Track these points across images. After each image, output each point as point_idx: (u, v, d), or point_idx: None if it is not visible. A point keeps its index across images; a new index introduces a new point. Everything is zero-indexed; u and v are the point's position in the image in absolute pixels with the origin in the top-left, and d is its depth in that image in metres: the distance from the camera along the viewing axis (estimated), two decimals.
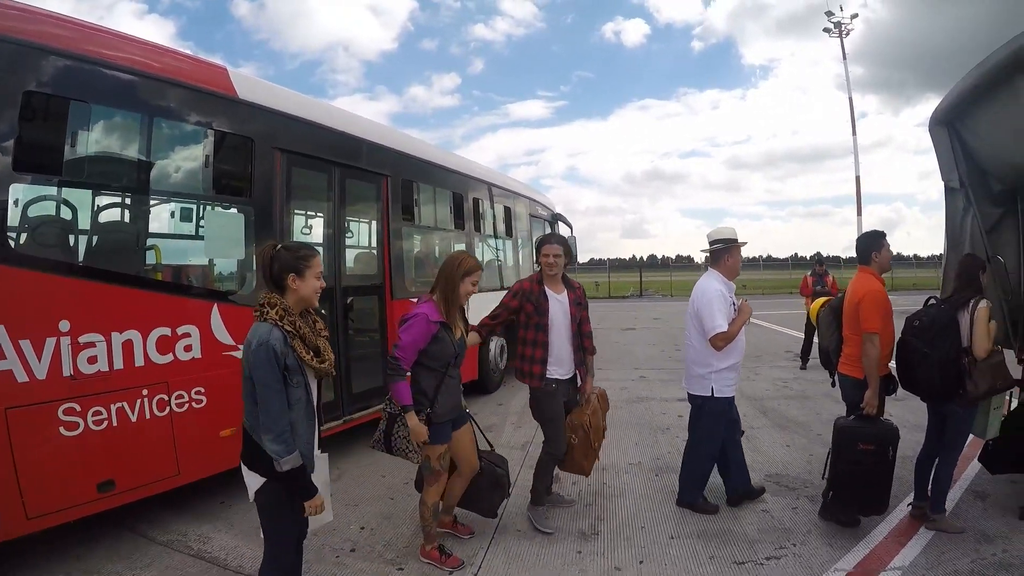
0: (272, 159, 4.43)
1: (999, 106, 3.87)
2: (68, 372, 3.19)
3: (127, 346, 3.45)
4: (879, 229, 3.99)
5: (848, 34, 27.37)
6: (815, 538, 3.79)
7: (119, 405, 3.38)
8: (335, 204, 5.20)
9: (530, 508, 4.05)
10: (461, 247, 7.61)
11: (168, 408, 3.64)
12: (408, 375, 3.23)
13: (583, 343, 3.95)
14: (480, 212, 7.92)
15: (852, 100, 27.02)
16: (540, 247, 3.91)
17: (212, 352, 3.93)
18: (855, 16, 27.58)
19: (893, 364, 3.82)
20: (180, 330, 3.75)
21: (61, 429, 3.17)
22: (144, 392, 3.52)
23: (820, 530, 3.89)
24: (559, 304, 3.84)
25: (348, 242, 5.60)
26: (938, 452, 3.85)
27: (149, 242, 3.85)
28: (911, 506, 3.98)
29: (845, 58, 27.30)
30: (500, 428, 6.35)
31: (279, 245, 2.53)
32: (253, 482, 2.48)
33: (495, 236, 8.49)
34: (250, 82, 4.36)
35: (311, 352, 2.50)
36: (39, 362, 3.10)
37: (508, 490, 3.89)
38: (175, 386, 3.69)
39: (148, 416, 3.53)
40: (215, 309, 3.98)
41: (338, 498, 4.38)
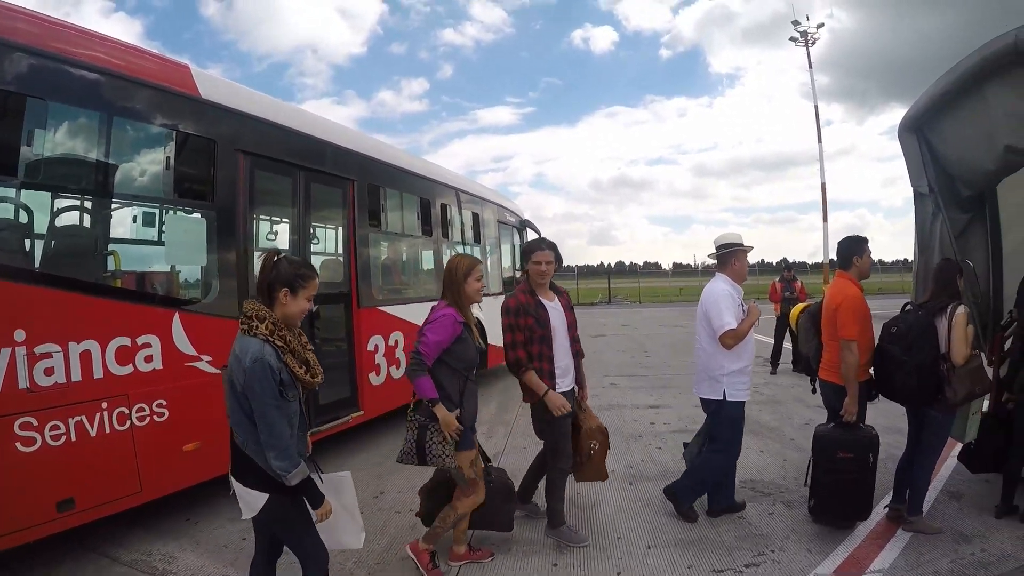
0: (235, 162, 4.34)
1: (967, 112, 4.01)
2: (24, 385, 3.06)
3: (85, 357, 3.33)
4: (862, 235, 4.07)
5: (814, 43, 28.21)
6: (793, 543, 3.83)
7: (78, 419, 3.26)
8: (300, 209, 5.11)
9: (551, 532, 3.92)
10: (428, 254, 7.57)
11: (129, 422, 3.52)
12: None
13: (575, 348, 3.92)
14: (448, 218, 7.89)
15: (818, 108, 27.78)
16: (530, 253, 3.81)
17: (174, 363, 3.82)
18: (821, 26, 28.53)
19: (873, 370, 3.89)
20: (140, 340, 3.64)
21: (18, 445, 3.05)
22: (104, 405, 3.40)
23: (798, 535, 3.93)
24: (556, 312, 3.80)
25: (313, 248, 5.52)
26: (914, 457, 3.93)
27: (108, 247, 3.72)
28: (888, 508, 4.06)
29: (811, 67, 27.97)
30: None
31: (282, 255, 2.50)
32: (253, 500, 2.40)
33: (463, 242, 8.46)
34: (213, 81, 4.28)
35: (303, 366, 2.46)
36: None
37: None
38: (136, 399, 3.57)
39: (108, 430, 3.41)
40: (176, 318, 3.88)
41: None
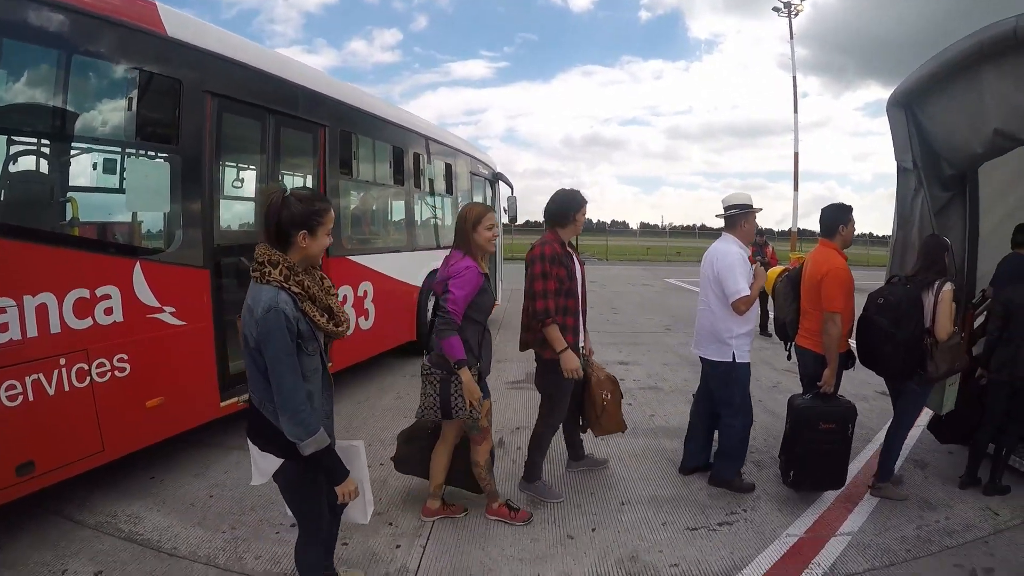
0: (202, 104, 4.12)
1: (959, 93, 4.06)
2: None
3: (41, 311, 3.14)
4: (846, 203, 4.06)
5: (797, 14, 28.32)
6: (764, 504, 3.98)
7: (35, 377, 3.09)
8: (269, 155, 4.92)
9: (527, 486, 4.00)
10: (400, 204, 7.42)
11: (89, 378, 3.37)
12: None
13: (585, 306, 3.95)
14: (420, 167, 7.70)
15: (796, 79, 28.44)
16: (581, 206, 3.80)
17: (135, 315, 3.66)
18: None
19: (852, 340, 3.95)
20: (99, 291, 3.46)
21: None
22: (62, 362, 3.23)
23: (769, 496, 4.08)
24: (578, 268, 3.82)
25: None
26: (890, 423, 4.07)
27: (66, 194, 3.50)
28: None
29: (792, 38, 28.22)
30: None
31: (287, 192, 2.25)
32: (266, 464, 2.29)
33: (435, 193, 8.30)
34: (181, 19, 4.00)
35: (324, 314, 2.30)
36: None
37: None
38: (95, 354, 3.41)
39: (67, 388, 3.26)
40: (138, 268, 3.70)
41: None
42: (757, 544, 3.50)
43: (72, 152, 3.55)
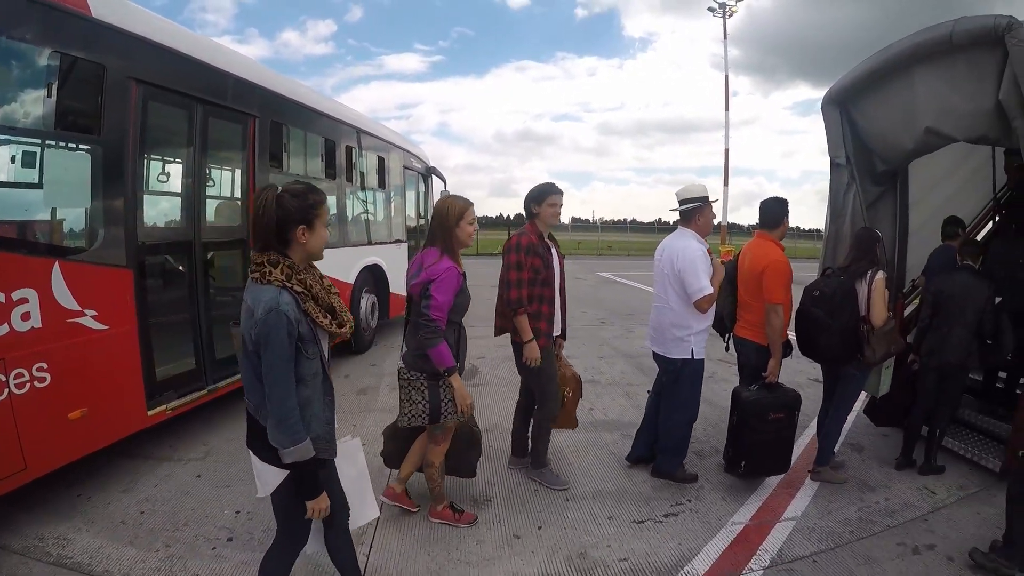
0: (127, 91, 3.90)
1: (893, 92, 4.29)
2: None
3: None
4: (782, 197, 4.22)
5: (732, 15, 29.35)
6: (708, 492, 4.10)
7: None
8: (196, 146, 4.70)
9: (535, 472, 4.14)
10: (332, 198, 7.24)
11: (7, 390, 3.14)
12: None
13: (563, 296, 4.02)
14: (353, 161, 7.57)
15: (728, 78, 29.35)
16: (545, 196, 3.84)
17: (54, 320, 3.44)
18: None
19: (790, 332, 4.10)
20: (15, 295, 3.22)
21: None
22: None
23: (712, 484, 4.21)
24: (556, 258, 3.88)
25: (210, 190, 5.09)
26: (829, 410, 4.26)
27: None
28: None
29: (726, 37, 29.24)
30: (376, 391, 6.30)
31: (280, 189, 2.16)
32: (271, 476, 2.20)
33: (368, 188, 8.16)
34: (106, 0, 3.76)
35: (327, 315, 2.22)
36: None
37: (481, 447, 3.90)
38: (13, 363, 3.18)
39: None
40: (56, 269, 3.46)
41: (209, 478, 4.16)
42: (704, 534, 3.61)
43: None
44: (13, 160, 3.49)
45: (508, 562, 3.29)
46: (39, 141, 3.55)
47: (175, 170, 4.78)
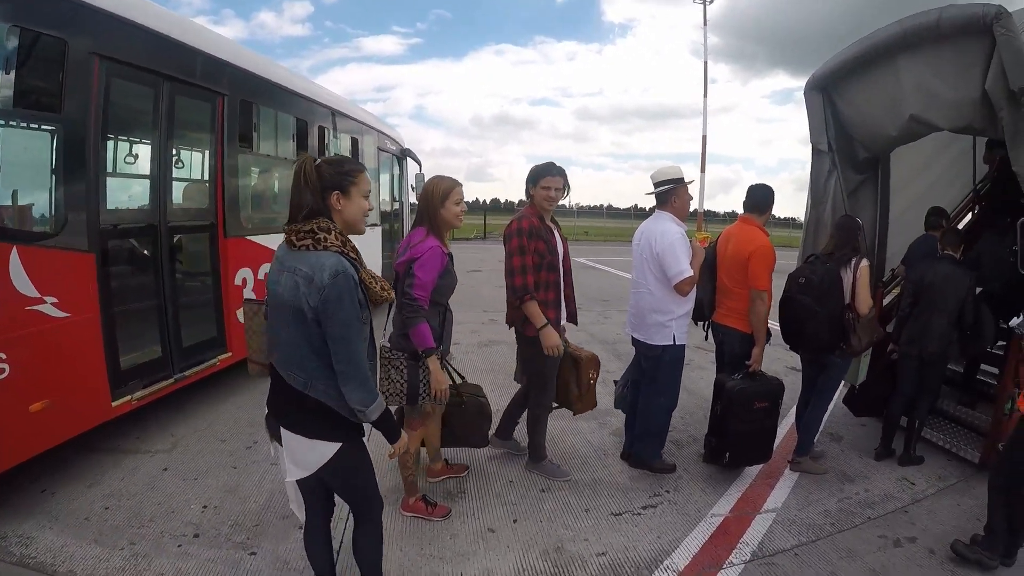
0: (89, 67, 3.77)
1: (877, 79, 4.31)
2: None
3: None
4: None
5: (712, 2, 30.26)
6: (687, 484, 4.10)
7: None
8: (162, 126, 4.59)
9: (535, 466, 4.12)
10: None
11: None
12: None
13: (568, 280, 3.96)
14: (326, 142, 7.45)
15: (707, 65, 30.13)
16: (539, 178, 3.75)
17: (12, 308, 3.34)
18: None
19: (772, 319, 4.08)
20: None
21: None
22: None
23: (691, 475, 4.22)
24: (559, 242, 3.81)
25: (176, 172, 4.98)
26: (811, 398, 4.29)
27: None
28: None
29: (706, 23, 30.21)
30: None
31: (317, 159, 2.18)
32: (313, 455, 2.18)
33: None
34: None
35: (378, 282, 2.20)
36: None
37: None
38: None
39: None
40: (14, 254, 3.35)
41: (176, 471, 4.09)
42: (683, 526, 3.61)
43: None
44: None
45: (483, 557, 3.26)
46: None
47: (140, 151, 4.65)
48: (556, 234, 3.84)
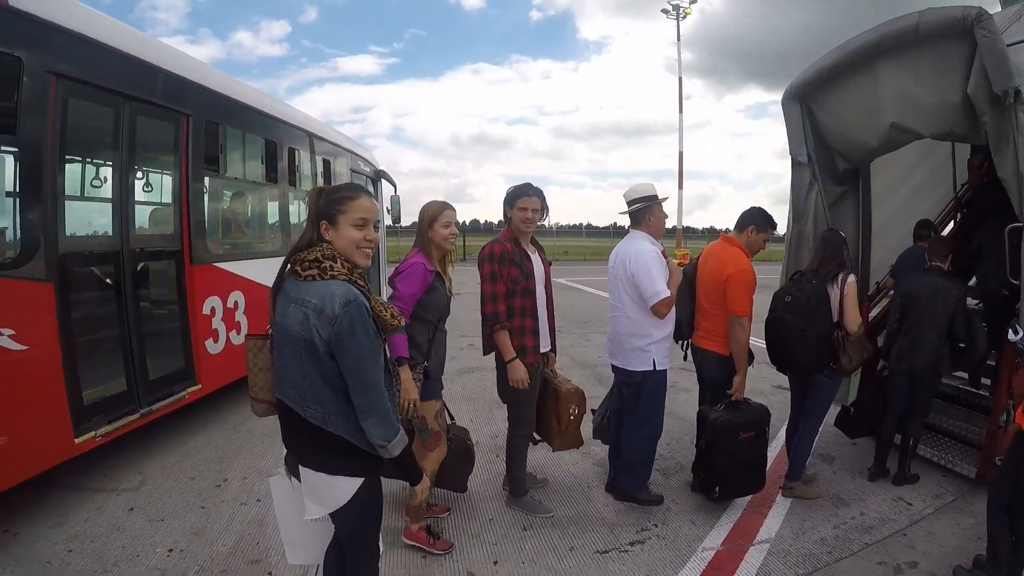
0: (46, 87, 3.67)
1: (855, 87, 4.32)
2: None
3: None
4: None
5: (685, 17, 30.87)
6: (675, 516, 3.98)
7: None
8: (124, 147, 4.47)
9: (515, 502, 4.00)
10: (274, 204, 7.04)
11: None
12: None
13: (550, 306, 3.88)
14: (296, 164, 7.34)
15: (681, 81, 30.44)
16: (515, 199, 3.68)
17: None
18: (694, 2, 31.10)
19: (757, 340, 4.00)
20: None
21: None
22: None
23: (679, 506, 4.10)
24: (538, 265, 3.73)
25: (140, 196, 4.86)
26: (800, 421, 4.21)
27: None
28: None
29: (679, 39, 30.87)
30: None
31: (325, 189, 2.18)
32: (337, 492, 2.09)
33: None
34: None
35: (388, 309, 2.14)
36: None
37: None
38: None
39: None
40: None
41: (142, 511, 3.94)
42: (674, 562, 3.47)
43: None
44: None
45: None
46: None
47: (101, 173, 4.53)
48: (535, 257, 3.76)
